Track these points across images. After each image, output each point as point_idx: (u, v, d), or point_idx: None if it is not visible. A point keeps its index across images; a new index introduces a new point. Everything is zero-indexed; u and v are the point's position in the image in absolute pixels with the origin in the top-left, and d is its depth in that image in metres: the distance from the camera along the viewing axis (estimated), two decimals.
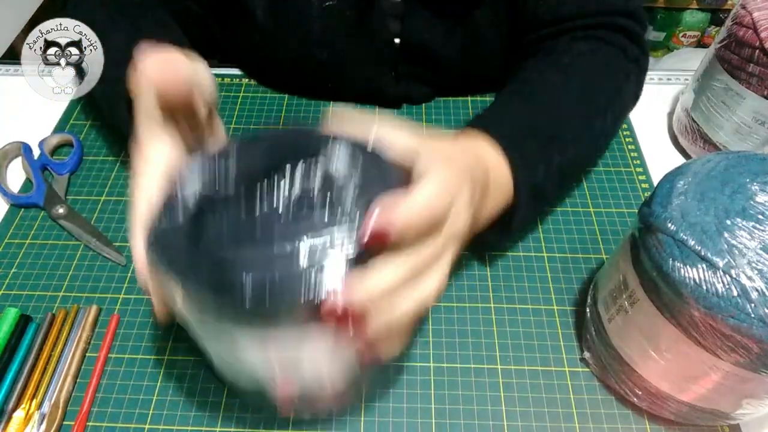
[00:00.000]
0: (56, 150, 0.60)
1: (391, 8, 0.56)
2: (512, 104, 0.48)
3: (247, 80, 0.66)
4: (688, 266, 0.31)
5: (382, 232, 0.27)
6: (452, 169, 0.31)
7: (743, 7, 0.50)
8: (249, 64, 0.67)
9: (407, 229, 0.28)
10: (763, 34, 0.48)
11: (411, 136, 0.32)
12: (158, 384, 0.43)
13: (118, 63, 0.43)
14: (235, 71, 0.68)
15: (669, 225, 0.33)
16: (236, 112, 0.63)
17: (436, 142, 0.33)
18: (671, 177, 0.36)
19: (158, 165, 0.34)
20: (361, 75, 0.61)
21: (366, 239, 0.27)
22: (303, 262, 0.27)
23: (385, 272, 0.28)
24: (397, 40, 0.58)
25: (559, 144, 0.45)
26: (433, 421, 0.41)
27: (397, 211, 0.27)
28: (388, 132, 0.32)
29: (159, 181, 0.33)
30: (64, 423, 0.41)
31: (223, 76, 0.67)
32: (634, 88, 0.53)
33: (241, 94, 0.65)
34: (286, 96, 0.65)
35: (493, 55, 0.60)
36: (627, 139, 0.60)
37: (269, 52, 0.62)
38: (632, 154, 0.58)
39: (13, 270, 0.50)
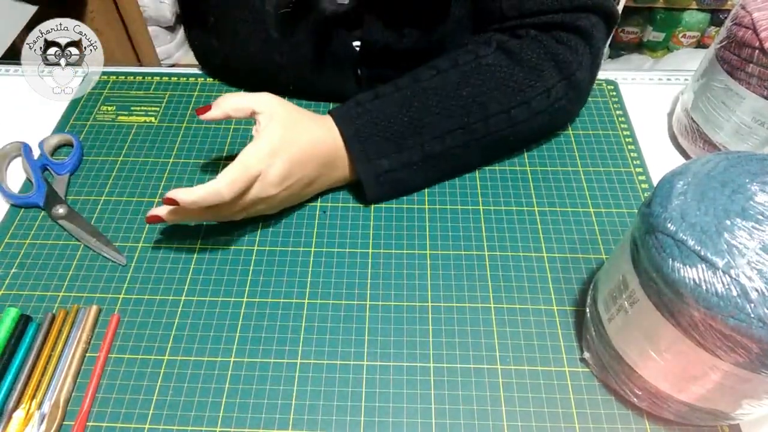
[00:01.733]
0: (56, 150, 0.60)
1: (345, 16, 0.56)
2: (390, 94, 0.52)
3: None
4: (687, 266, 0.32)
5: (172, 202, 0.45)
6: (258, 160, 0.46)
7: (743, 7, 0.50)
8: (208, 65, 0.67)
9: (191, 205, 0.45)
10: (762, 35, 0.48)
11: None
12: (158, 384, 0.43)
13: None
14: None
15: (669, 225, 0.33)
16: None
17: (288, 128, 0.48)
18: (671, 177, 0.36)
19: None
20: (321, 78, 0.61)
21: (164, 199, 0.45)
22: None
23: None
24: (356, 43, 0.58)
25: (417, 140, 0.51)
26: (433, 421, 0.41)
27: (181, 195, 0.44)
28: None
29: None
30: (64, 423, 0.41)
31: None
32: (543, 102, 0.52)
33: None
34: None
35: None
36: (627, 140, 0.60)
37: (229, 54, 0.62)
38: (632, 154, 0.58)
39: (13, 270, 0.50)
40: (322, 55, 0.58)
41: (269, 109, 0.48)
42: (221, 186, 0.44)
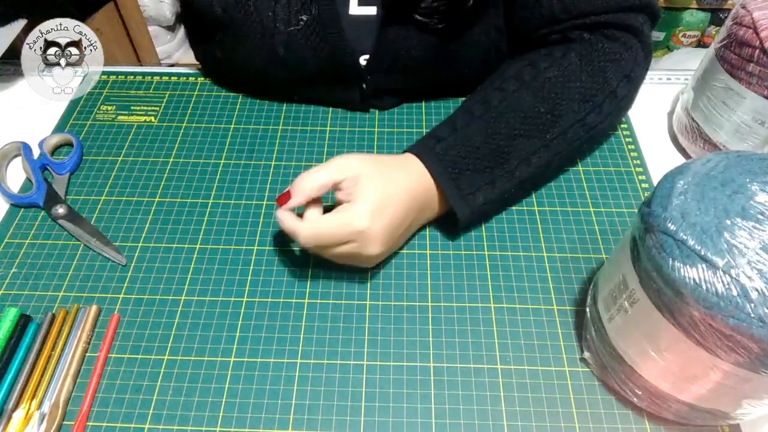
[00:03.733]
0: (56, 150, 0.60)
1: (364, 26, 0.55)
2: (468, 125, 0.50)
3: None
4: (687, 266, 0.31)
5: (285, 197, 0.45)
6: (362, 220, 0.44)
7: (743, 6, 0.50)
8: (210, 72, 0.67)
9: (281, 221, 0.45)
10: (763, 34, 0.48)
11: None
12: (158, 384, 0.43)
13: None
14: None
15: (669, 225, 0.33)
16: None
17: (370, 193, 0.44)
18: (671, 177, 0.36)
19: None
20: (325, 91, 0.61)
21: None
22: None
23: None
24: (362, 61, 0.57)
25: (506, 168, 0.49)
26: (433, 421, 0.41)
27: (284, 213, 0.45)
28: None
29: None
30: (64, 423, 0.41)
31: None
32: (613, 103, 0.53)
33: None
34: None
35: (474, 61, 0.59)
36: (627, 139, 0.60)
37: (232, 66, 0.62)
38: (632, 154, 0.58)
39: (13, 270, 0.50)
40: (327, 72, 0.58)
41: (352, 173, 0.45)
42: (301, 234, 0.44)
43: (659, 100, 0.65)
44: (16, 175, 0.57)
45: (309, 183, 0.44)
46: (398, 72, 0.58)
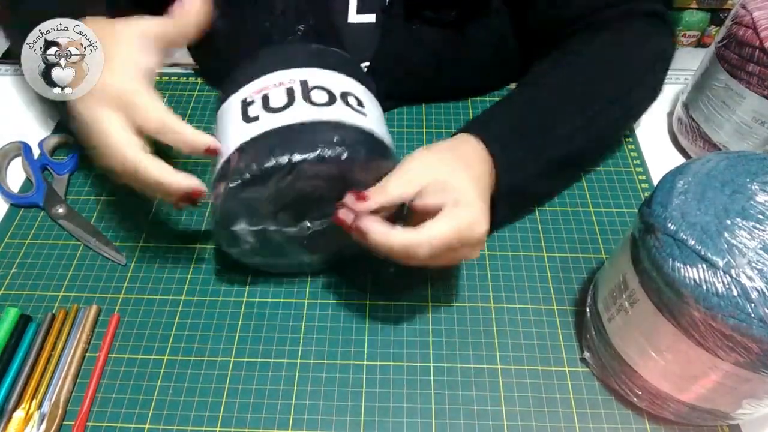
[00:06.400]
0: (56, 150, 0.59)
1: (363, 33, 0.55)
2: (512, 100, 0.50)
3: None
4: (688, 266, 0.31)
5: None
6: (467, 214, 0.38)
7: (743, 6, 0.50)
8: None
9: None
10: (763, 34, 0.48)
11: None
12: (158, 384, 0.43)
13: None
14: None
15: (669, 225, 0.33)
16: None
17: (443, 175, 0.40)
18: (671, 177, 0.36)
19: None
20: None
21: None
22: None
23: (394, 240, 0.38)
24: (363, 67, 0.57)
25: (551, 140, 0.48)
26: (433, 421, 0.41)
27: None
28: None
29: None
30: (64, 423, 0.41)
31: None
32: (653, 79, 0.54)
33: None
34: None
35: (476, 65, 0.59)
36: (627, 139, 0.60)
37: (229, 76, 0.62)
38: (632, 154, 0.58)
39: (13, 270, 0.49)
40: None
41: (436, 176, 0.40)
42: (421, 246, 0.37)
43: (659, 100, 0.64)
44: (16, 175, 0.57)
45: (399, 189, 0.38)
46: (400, 77, 0.58)
